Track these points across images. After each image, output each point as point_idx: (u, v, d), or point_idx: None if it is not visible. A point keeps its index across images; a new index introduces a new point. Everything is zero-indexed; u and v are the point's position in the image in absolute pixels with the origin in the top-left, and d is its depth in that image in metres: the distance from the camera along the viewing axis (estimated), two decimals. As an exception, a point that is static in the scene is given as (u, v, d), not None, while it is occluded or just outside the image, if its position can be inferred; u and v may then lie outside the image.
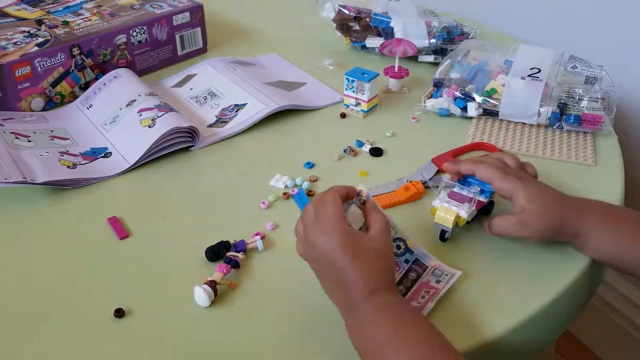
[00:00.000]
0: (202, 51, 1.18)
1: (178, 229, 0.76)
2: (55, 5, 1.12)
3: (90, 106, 0.97)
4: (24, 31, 1.02)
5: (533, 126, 0.93)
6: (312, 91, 1.04)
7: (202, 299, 0.65)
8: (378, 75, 0.96)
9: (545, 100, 0.91)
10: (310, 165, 0.86)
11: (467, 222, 0.71)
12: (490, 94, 0.93)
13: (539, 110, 0.91)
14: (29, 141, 0.87)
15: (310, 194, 0.81)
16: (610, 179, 0.84)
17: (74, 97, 1.02)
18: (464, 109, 0.95)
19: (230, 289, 0.67)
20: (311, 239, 0.59)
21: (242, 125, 0.93)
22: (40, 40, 0.99)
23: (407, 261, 0.66)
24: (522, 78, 0.92)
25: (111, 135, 0.91)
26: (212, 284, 0.65)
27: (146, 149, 0.85)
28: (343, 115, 0.98)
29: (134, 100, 0.93)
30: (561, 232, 0.68)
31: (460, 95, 0.95)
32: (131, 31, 1.06)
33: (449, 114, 0.97)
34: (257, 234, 0.74)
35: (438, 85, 0.99)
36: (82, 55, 1.01)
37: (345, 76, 0.96)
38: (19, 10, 1.10)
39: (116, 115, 0.92)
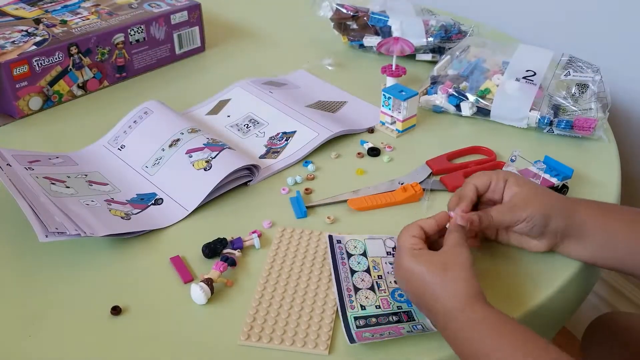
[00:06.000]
0: (200, 50, 1.18)
1: (174, 226, 0.77)
2: (53, 4, 1.12)
3: (123, 147, 0.89)
4: (22, 30, 1.02)
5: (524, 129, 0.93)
6: (354, 110, 1.00)
7: (199, 297, 0.65)
8: (417, 94, 0.91)
9: (538, 105, 0.91)
10: (307, 163, 0.87)
11: None
12: (484, 93, 0.93)
13: (529, 114, 0.91)
14: (67, 187, 0.79)
15: (307, 192, 0.81)
16: (607, 185, 0.83)
17: (72, 96, 1.03)
18: (458, 106, 0.95)
19: (227, 286, 0.68)
20: (397, 266, 0.64)
21: (296, 156, 0.87)
22: (38, 39, 0.99)
23: (399, 307, 0.65)
24: (517, 80, 0.92)
25: (157, 179, 0.83)
26: (209, 282, 0.66)
27: (206, 194, 0.78)
28: (371, 131, 0.94)
29: (178, 140, 0.85)
30: (551, 219, 0.66)
31: (453, 92, 0.95)
32: (129, 30, 1.06)
33: (442, 111, 0.97)
34: (254, 232, 0.74)
35: (434, 81, 0.99)
36: (80, 54, 1.01)
37: (383, 92, 0.92)
38: (17, 9, 1.10)
39: (159, 157, 0.85)
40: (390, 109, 0.92)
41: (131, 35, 1.07)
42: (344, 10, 1.17)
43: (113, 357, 0.61)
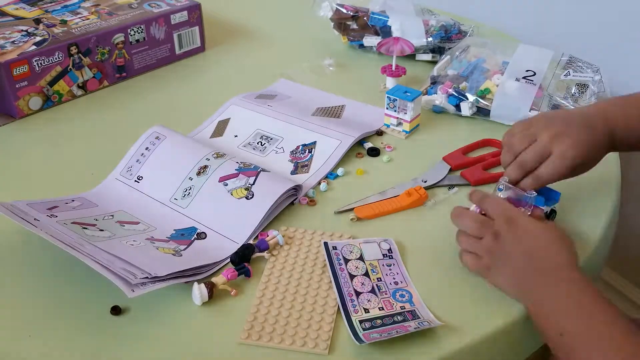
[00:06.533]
0: (200, 50, 1.18)
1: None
2: (53, 4, 1.12)
3: (140, 178, 0.81)
4: (22, 30, 1.02)
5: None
6: (357, 112, 0.98)
7: (194, 298, 0.65)
8: (421, 93, 0.92)
9: (538, 104, 0.91)
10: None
11: None
12: (484, 93, 0.93)
13: (529, 114, 0.91)
14: (101, 230, 0.72)
15: (311, 203, 0.81)
16: (606, 185, 0.83)
17: (72, 95, 1.03)
18: (457, 106, 0.95)
19: (231, 295, 0.67)
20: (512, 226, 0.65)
21: (328, 166, 0.85)
22: (38, 39, 0.99)
23: (402, 307, 0.65)
24: (517, 80, 0.92)
25: (191, 211, 0.77)
26: (209, 286, 0.65)
27: (256, 225, 0.73)
28: (380, 133, 0.93)
29: (206, 167, 0.79)
30: (597, 143, 0.70)
31: (453, 92, 0.95)
32: (129, 30, 1.06)
33: (442, 111, 0.97)
34: (267, 233, 0.74)
35: (434, 81, 0.99)
36: (79, 54, 1.01)
37: (387, 95, 0.91)
38: (17, 9, 1.10)
39: (188, 187, 0.78)
40: (395, 111, 0.92)
41: (131, 35, 1.07)
42: (344, 10, 1.17)
43: (113, 357, 0.61)
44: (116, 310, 0.65)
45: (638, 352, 0.55)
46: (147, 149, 0.84)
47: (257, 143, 0.90)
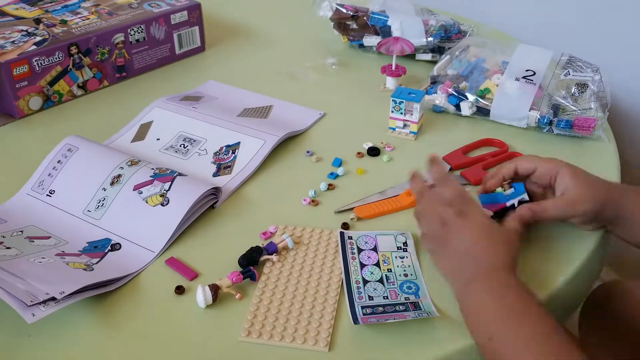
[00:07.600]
0: (200, 50, 1.18)
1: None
2: (53, 4, 1.12)
3: (52, 192, 0.79)
4: (22, 30, 1.02)
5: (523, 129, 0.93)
6: (286, 112, 0.98)
7: (199, 300, 0.65)
8: (424, 93, 0.92)
9: (537, 104, 0.91)
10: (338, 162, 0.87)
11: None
12: (484, 93, 0.93)
13: (529, 113, 0.91)
14: (7, 247, 0.69)
15: (313, 203, 0.81)
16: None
17: (72, 95, 1.03)
18: (457, 106, 0.95)
19: (236, 299, 0.66)
20: (460, 210, 0.65)
21: (251, 167, 0.84)
22: (38, 39, 0.99)
23: (407, 298, 0.66)
24: (517, 79, 0.92)
25: (105, 223, 0.75)
26: (214, 288, 0.65)
27: (172, 232, 0.72)
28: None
29: (119, 176, 0.77)
30: (604, 212, 0.69)
31: (453, 92, 0.95)
32: (129, 30, 1.06)
33: (442, 111, 0.97)
34: (266, 235, 0.74)
35: (434, 81, 0.99)
36: (80, 54, 1.01)
37: (392, 98, 0.90)
38: (17, 9, 1.10)
39: (102, 198, 0.76)
40: (402, 113, 0.91)
41: (131, 35, 1.07)
42: (344, 10, 1.17)
43: (114, 356, 0.61)
44: (180, 290, 0.66)
45: None
46: (59, 162, 0.81)
47: (180, 145, 0.89)
